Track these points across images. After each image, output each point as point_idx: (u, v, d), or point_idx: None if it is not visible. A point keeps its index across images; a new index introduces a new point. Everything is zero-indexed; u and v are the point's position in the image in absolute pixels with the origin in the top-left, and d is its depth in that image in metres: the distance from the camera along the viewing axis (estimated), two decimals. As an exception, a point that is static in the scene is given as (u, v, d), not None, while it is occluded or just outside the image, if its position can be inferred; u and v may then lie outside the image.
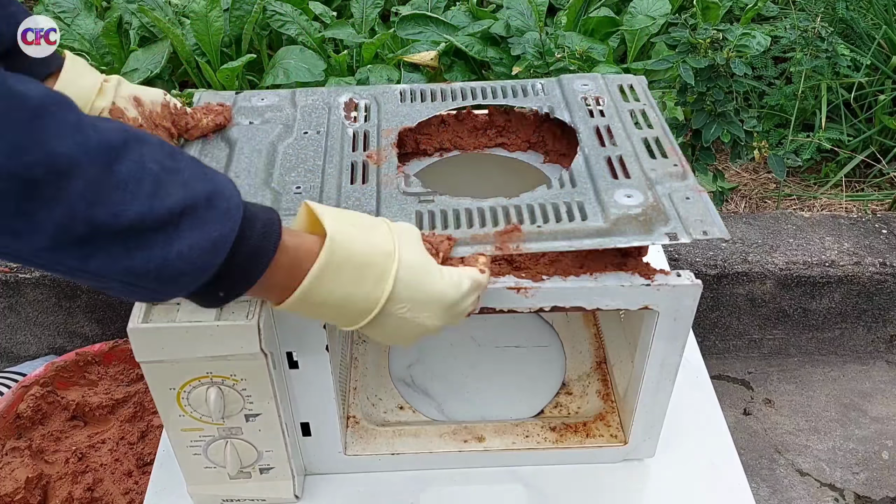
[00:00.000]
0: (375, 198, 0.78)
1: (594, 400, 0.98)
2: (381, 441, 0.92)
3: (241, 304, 0.71)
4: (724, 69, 1.50)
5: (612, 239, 0.72)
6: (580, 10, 2.03)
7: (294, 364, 0.78)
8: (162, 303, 0.70)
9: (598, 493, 0.91)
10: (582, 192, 0.77)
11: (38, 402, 1.35)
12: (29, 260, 0.49)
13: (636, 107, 0.91)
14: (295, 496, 0.87)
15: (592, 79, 0.96)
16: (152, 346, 0.71)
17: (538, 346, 1.07)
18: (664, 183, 0.79)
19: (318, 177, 0.81)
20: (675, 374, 0.83)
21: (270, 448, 0.82)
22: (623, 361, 0.96)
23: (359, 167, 0.83)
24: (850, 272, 1.61)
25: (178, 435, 0.80)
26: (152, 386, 0.74)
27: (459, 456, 0.91)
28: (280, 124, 0.89)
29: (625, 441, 0.91)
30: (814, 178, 2.02)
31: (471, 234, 0.73)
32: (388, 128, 0.89)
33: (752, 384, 1.71)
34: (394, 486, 0.91)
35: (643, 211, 0.74)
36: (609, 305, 0.75)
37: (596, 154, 0.83)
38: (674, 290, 0.74)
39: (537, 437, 0.92)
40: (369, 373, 1.02)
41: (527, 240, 0.72)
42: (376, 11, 2.05)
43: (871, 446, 1.57)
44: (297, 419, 0.84)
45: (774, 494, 1.49)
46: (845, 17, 2.10)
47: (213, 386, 0.74)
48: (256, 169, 0.82)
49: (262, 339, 0.71)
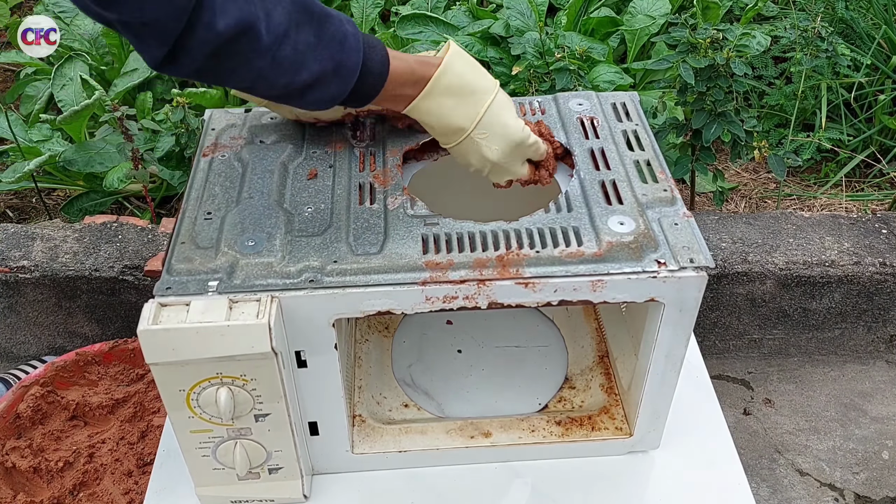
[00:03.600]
0: (383, 219, 0.81)
1: (598, 393, 0.99)
2: (388, 439, 0.92)
3: (251, 304, 0.72)
4: (725, 69, 1.50)
5: (606, 265, 0.76)
6: (580, 9, 2.03)
7: (303, 363, 0.79)
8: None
9: (605, 485, 0.92)
10: (577, 218, 0.81)
11: (38, 401, 1.35)
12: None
13: (629, 127, 0.95)
14: (304, 496, 0.88)
15: (587, 97, 1.00)
16: (163, 347, 0.71)
17: (540, 345, 1.07)
18: (654, 208, 0.83)
19: (328, 197, 0.84)
20: (680, 365, 0.84)
21: (280, 448, 0.82)
22: (626, 354, 0.97)
23: (367, 188, 0.85)
24: (850, 272, 1.61)
25: (187, 437, 0.80)
26: (162, 388, 0.75)
27: (466, 452, 0.92)
28: (290, 143, 0.92)
29: (630, 433, 0.93)
30: (814, 178, 2.02)
31: (474, 257, 0.76)
32: (394, 148, 0.92)
33: (752, 384, 1.71)
34: (401, 484, 0.91)
35: (635, 238, 0.78)
36: (616, 298, 0.77)
37: (591, 178, 0.87)
38: (680, 282, 0.76)
39: (543, 431, 0.93)
40: (373, 371, 1.02)
41: (526, 264, 0.76)
42: (376, 11, 2.05)
43: (871, 446, 1.57)
44: (305, 419, 0.85)
45: (774, 494, 1.49)
46: (845, 16, 2.10)
47: (223, 386, 0.75)
48: (269, 190, 0.85)
49: (272, 338, 0.71)
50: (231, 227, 0.80)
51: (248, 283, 0.74)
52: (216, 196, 0.85)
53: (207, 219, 0.81)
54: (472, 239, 0.78)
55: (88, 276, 1.54)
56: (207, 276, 0.75)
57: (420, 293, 0.75)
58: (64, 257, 1.56)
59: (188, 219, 0.82)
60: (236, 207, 0.83)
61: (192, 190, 0.86)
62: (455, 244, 0.78)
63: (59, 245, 1.59)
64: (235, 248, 0.77)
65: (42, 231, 1.62)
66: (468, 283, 0.75)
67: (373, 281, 0.74)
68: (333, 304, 0.75)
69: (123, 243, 1.59)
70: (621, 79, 1.75)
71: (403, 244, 0.78)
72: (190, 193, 0.85)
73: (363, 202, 0.83)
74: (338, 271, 0.75)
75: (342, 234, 0.79)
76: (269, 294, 0.73)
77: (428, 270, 0.75)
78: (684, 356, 0.83)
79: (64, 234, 1.61)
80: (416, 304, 0.76)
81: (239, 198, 0.84)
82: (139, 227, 1.64)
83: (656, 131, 1.66)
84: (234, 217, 0.81)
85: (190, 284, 0.74)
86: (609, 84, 1.73)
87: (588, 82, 1.72)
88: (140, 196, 1.89)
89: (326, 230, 0.80)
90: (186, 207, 0.83)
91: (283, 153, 0.90)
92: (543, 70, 1.69)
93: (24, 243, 1.59)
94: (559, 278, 0.75)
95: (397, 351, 1.07)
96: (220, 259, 0.76)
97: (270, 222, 0.80)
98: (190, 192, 0.86)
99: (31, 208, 1.95)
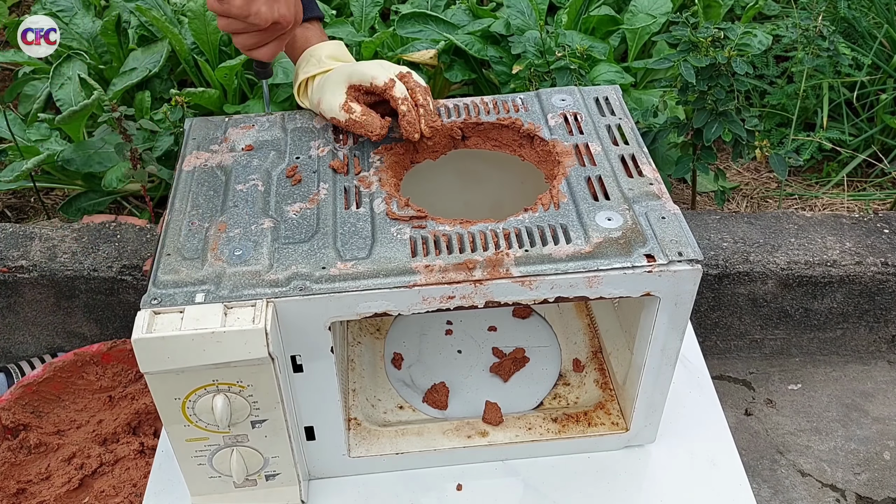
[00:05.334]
0: (370, 222, 0.81)
1: (593, 389, 0.99)
2: (385, 441, 0.92)
3: (247, 309, 0.71)
4: (726, 68, 1.49)
5: (595, 262, 0.76)
6: (581, 8, 2.02)
7: (298, 368, 0.79)
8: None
9: (603, 480, 0.92)
10: (565, 215, 0.81)
11: (36, 401, 1.35)
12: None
13: (612, 121, 0.95)
14: (301, 501, 0.87)
15: (570, 93, 0.99)
16: (157, 356, 0.70)
17: (533, 344, 1.07)
18: (641, 202, 0.82)
19: (313, 202, 0.83)
20: (675, 359, 0.84)
21: (277, 454, 0.81)
22: (620, 349, 0.97)
23: (352, 192, 0.85)
24: (851, 272, 1.60)
25: (183, 445, 0.79)
26: (157, 397, 0.74)
27: (464, 452, 0.91)
28: (272, 150, 0.91)
29: (626, 428, 0.93)
30: (815, 178, 2.01)
31: (463, 258, 0.76)
32: (378, 149, 0.91)
33: (754, 384, 1.70)
34: (398, 486, 0.91)
35: (623, 234, 0.78)
36: (612, 294, 0.77)
37: (577, 174, 0.86)
38: (675, 276, 0.76)
39: (540, 428, 0.93)
40: (366, 374, 1.02)
41: (515, 263, 0.76)
42: (376, 10, 2.04)
43: (873, 447, 1.57)
44: (301, 423, 0.84)
45: (776, 495, 1.48)
46: (847, 15, 2.09)
47: (219, 394, 0.74)
48: (254, 197, 0.84)
49: (269, 342, 0.70)
50: (216, 236, 0.79)
51: (237, 292, 0.73)
52: (200, 206, 0.84)
53: (192, 229, 0.81)
54: (461, 240, 0.78)
55: (87, 276, 1.54)
56: (195, 288, 0.74)
57: (417, 294, 0.74)
58: (62, 257, 1.56)
59: (173, 230, 0.81)
60: (221, 216, 0.82)
61: (175, 200, 0.85)
62: (443, 246, 0.77)
63: (57, 245, 1.58)
64: (222, 258, 0.76)
65: (40, 231, 1.62)
66: (464, 284, 0.74)
67: (362, 286, 0.74)
68: (329, 307, 0.74)
69: (122, 243, 1.59)
70: (622, 78, 1.74)
71: (391, 247, 0.77)
72: (174, 204, 0.85)
73: (349, 206, 0.83)
74: (326, 278, 0.74)
75: (329, 239, 0.78)
76: (264, 299, 0.72)
77: (416, 274, 0.75)
78: (679, 349, 0.83)
79: (62, 234, 1.61)
80: (412, 304, 0.75)
81: (223, 206, 0.83)
82: (138, 227, 1.63)
83: (657, 131, 1.65)
84: (219, 226, 0.81)
85: (177, 296, 0.73)
86: (610, 83, 1.72)
87: (589, 81, 1.71)
88: (139, 196, 1.89)
89: (313, 236, 0.79)
90: (170, 218, 0.83)
91: (267, 160, 0.90)
92: (544, 69, 1.68)
93: (23, 243, 1.59)
94: (551, 276, 0.75)
95: (391, 351, 1.06)
96: (207, 269, 0.75)
97: (256, 230, 0.80)
98: (173, 203, 0.85)
99: (30, 208, 1.95)
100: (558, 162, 0.88)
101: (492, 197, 1.03)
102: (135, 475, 1.28)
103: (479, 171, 1.02)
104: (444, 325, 1.10)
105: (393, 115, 0.92)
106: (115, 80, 1.90)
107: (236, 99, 1.95)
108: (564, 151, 0.89)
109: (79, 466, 1.28)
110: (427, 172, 0.96)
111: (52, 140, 1.83)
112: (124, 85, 1.87)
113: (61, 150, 1.77)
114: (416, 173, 0.95)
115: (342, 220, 0.81)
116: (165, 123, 1.71)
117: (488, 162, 0.99)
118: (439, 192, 1.01)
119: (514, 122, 0.94)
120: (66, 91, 1.85)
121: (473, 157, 0.98)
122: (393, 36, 1.97)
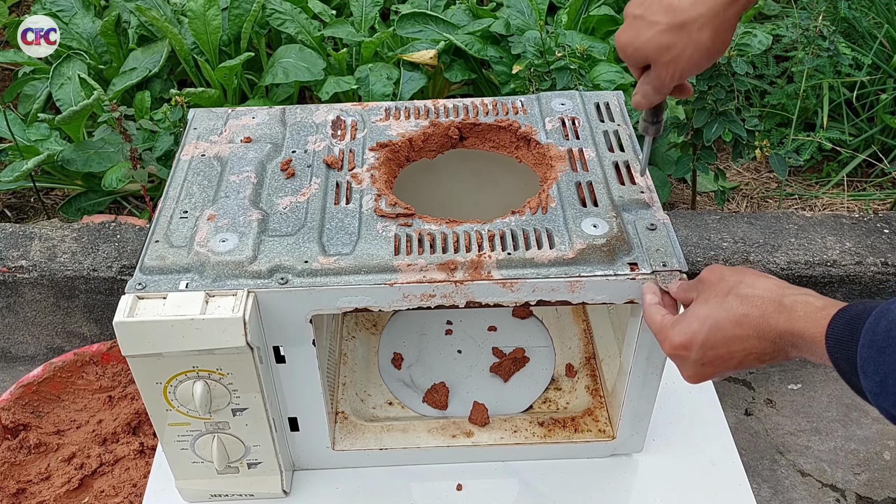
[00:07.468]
0: (358, 219, 0.81)
1: (583, 395, 0.99)
2: (370, 436, 0.92)
3: (227, 298, 0.72)
4: (726, 68, 1.49)
5: (577, 268, 0.76)
6: (581, 8, 2.02)
7: (281, 358, 0.79)
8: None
9: (587, 487, 0.91)
10: (552, 220, 0.81)
11: (36, 401, 1.35)
12: None
13: (610, 127, 0.94)
14: (283, 491, 0.88)
15: (570, 97, 0.99)
16: (138, 339, 0.71)
17: (529, 346, 1.07)
18: (631, 210, 0.82)
19: (304, 196, 0.84)
20: (661, 368, 0.84)
21: (258, 442, 0.82)
22: (611, 357, 0.97)
23: (343, 187, 0.85)
24: (851, 272, 1.60)
25: (166, 430, 0.80)
26: (139, 381, 0.75)
27: (447, 451, 0.92)
28: (269, 143, 0.92)
29: (612, 436, 0.92)
30: (815, 178, 2.01)
31: (446, 258, 0.76)
32: (374, 146, 0.91)
33: (754, 384, 1.70)
34: (382, 482, 0.91)
35: (607, 241, 0.77)
36: (595, 299, 0.77)
37: (568, 179, 0.86)
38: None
39: (525, 431, 0.93)
40: (358, 368, 1.02)
41: (497, 266, 0.76)
42: (376, 10, 2.04)
43: (873, 447, 1.57)
44: (284, 414, 0.85)
45: (776, 495, 1.48)
46: (847, 15, 2.09)
47: (199, 380, 0.75)
48: (246, 189, 0.85)
49: (247, 332, 0.71)
50: (205, 225, 0.80)
51: (219, 282, 0.74)
52: (193, 195, 0.85)
53: (183, 217, 0.82)
54: (445, 240, 0.78)
55: (87, 276, 1.54)
56: (179, 276, 0.75)
57: (397, 291, 0.75)
58: (62, 257, 1.56)
59: (164, 217, 0.82)
60: (212, 206, 0.82)
61: (170, 188, 0.86)
62: (427, 245, 0.77)
63: (57, 245, 1.58)
64: (208, 247, 0.77)
65: (40, 231, 1.61)
66: (445, 283, 0.75)
67: (343, 282, 0.74)
68: (310, 300, 0.74)
69: (122, 243, 1.59)
70: (622, 78, 1.74)
71: (376, 245, 0.77)
72: (168, 192, 0.85)
73: (339, 202, 0.83)
74: (308, 272, 0.75)
75: (315, 233, 0.79)
76: (245, 289, 0.73)
77: (398, 272, 0.75)
78: (666, 360, 0.82)
79: (62, 234, 1.61)
80: (393, 301, 0.76)
81: (216, 197, 0.84)
82: (137, 227, 1.63)
83: (657, 130, 1.65)
84: (209, 216, 0.81)
85: (162, 283, 0.74)
86: (610, 83, 1.72)
87: (589, 81, 1.71)
88: (138, 196, 1.89)
89: (300, 230, 0.79)
90: (164, 206, 0.84)
91: (262, 153, 0.90)
92: (544, 69, 1.68)
93: (23, 243, 1.59)
94: (532, 280, 0.75)
95: (385, 348, 1.06)
96: (193, 258, 0.76)
97: (244, 221, 0.80)
98: (168, 191, 0.86)
99: (30, 208, 1.95)
100: (551, 166, 0.88)
101: (504, 199, 1.03)
102: (135, 475, 1.28)
103: (494, 172, 1.02)
104: (444, 324, 1.09)
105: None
106: (115, 80, 1.90)
107: (236, 99, 1.95)
108: (558, 156, 0.89)
109: (79, 466, 1.28)
110: (443, 171, 0.96)
111: (52, 140, 1.83)
112: (124, 85, 1.87)
113: (61, 150, 1.77)
114: (431, 171, 0.95)
115: (330, 215, 0.81)
116: (165, 123, 1.71)
117: (503, 164, 0.99)
118: (453, 191, 1.02)
119: (511, 124, 0.94)
120: (66, 91, 1.85)
121: (489, 158, 0.98)
122: (393, 36, 1.97)
